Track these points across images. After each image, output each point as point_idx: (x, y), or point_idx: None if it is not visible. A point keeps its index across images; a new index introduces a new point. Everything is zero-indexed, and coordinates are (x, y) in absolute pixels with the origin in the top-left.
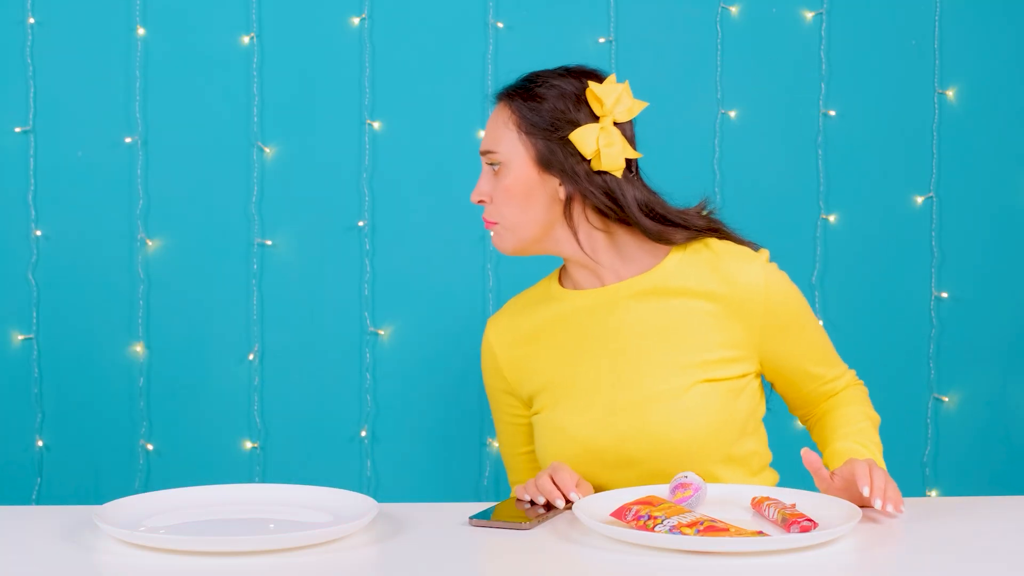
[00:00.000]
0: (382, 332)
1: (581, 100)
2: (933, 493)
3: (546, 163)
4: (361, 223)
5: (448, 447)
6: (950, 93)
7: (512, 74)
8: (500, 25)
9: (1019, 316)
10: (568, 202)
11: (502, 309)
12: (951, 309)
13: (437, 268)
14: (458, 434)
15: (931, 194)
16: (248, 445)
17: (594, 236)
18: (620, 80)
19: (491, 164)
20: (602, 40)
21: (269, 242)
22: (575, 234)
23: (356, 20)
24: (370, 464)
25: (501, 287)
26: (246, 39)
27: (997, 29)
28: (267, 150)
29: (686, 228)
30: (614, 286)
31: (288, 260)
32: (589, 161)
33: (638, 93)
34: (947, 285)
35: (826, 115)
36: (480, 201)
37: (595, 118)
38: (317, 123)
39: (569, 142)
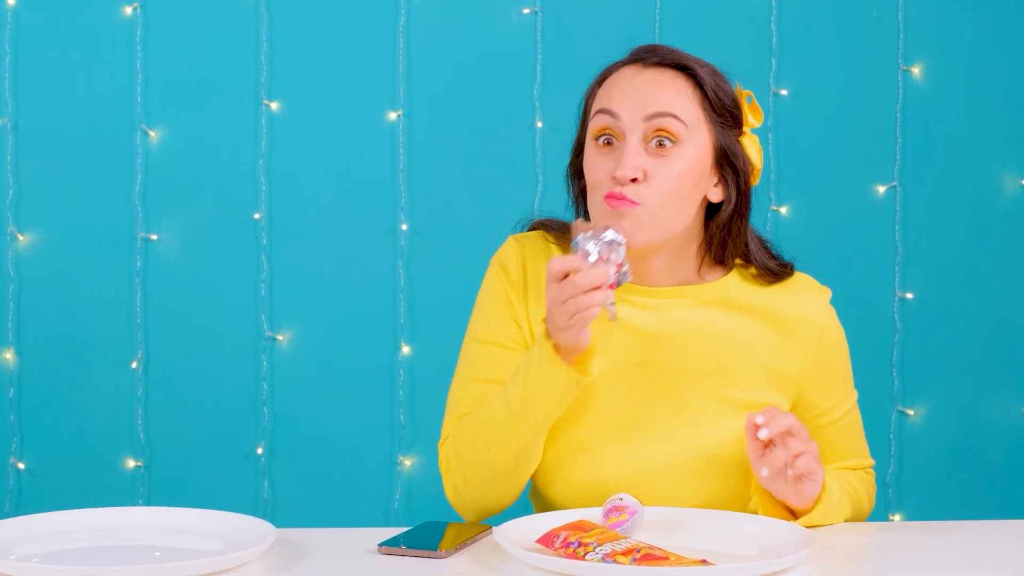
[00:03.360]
0: (280, 337)
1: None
2: (897, 517)
3: (721, 159)
4: (257, 215)
5: (354, 466)
6: (916, 70)
7: (427, 50)
8: None
9: (992, 319)
10: (712, 208)
11: (532, 235)
12: (917, 311)
13: (342, 266)
14: (366, 451)
15: (894, 183)
16: (131, 463)
17: (695, 245)
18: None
19: (660, 137)
20: (527, 11)
21: (154, 236)
22: (695, 243)
23: None
24: (267, 484)
25: (414, 287)
26: (128, 10)
27: None
28: (152, 134)
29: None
30: (669, 289)
31: (175, 256)
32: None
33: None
34: (912, 285)
35: (777, 95)
36: (634, 180)
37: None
38: (208, 103)
39: (741, 145)
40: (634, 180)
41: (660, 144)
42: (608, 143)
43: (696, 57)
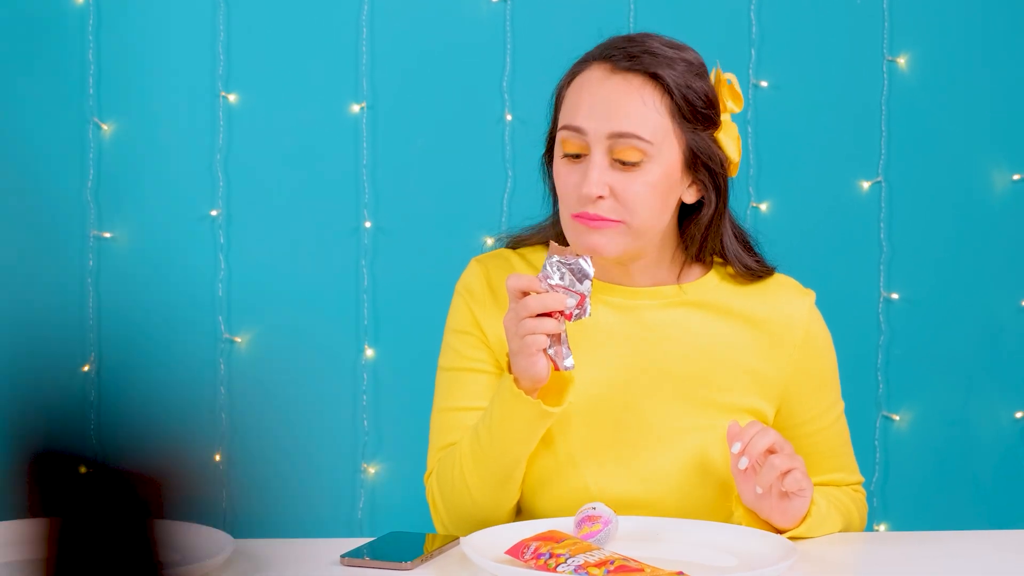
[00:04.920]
0: (239, 339)
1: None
2: (882, 527)
3: (693, 162)
4: (214, 212)
5: (316, 474)
6: (902, 61)
7: (391, 39)
8: None
9: (981, 321)
10: (688, 210)
11: (494, 254)
12: (903, 312)
13: (303, 265)
14: (328, 459)
15: (879, 179)
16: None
17: (673, 247)
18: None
19: (624, 159)
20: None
21: (107, 234)
22: (672, 245)
23: None
24: (225, 494)
25: (378, 287)
26: None
27: None
28: (105, 127)
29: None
30: (647, 289)
31: (129, 255)
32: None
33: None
34: (898, 285)
35: (757, 87)
36: (600, 197)
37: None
38: (163, 95)
39: (715, 140)
40: (600, 197)
41: (624, 162)
42: (576, 156)
43: (673, 48)
